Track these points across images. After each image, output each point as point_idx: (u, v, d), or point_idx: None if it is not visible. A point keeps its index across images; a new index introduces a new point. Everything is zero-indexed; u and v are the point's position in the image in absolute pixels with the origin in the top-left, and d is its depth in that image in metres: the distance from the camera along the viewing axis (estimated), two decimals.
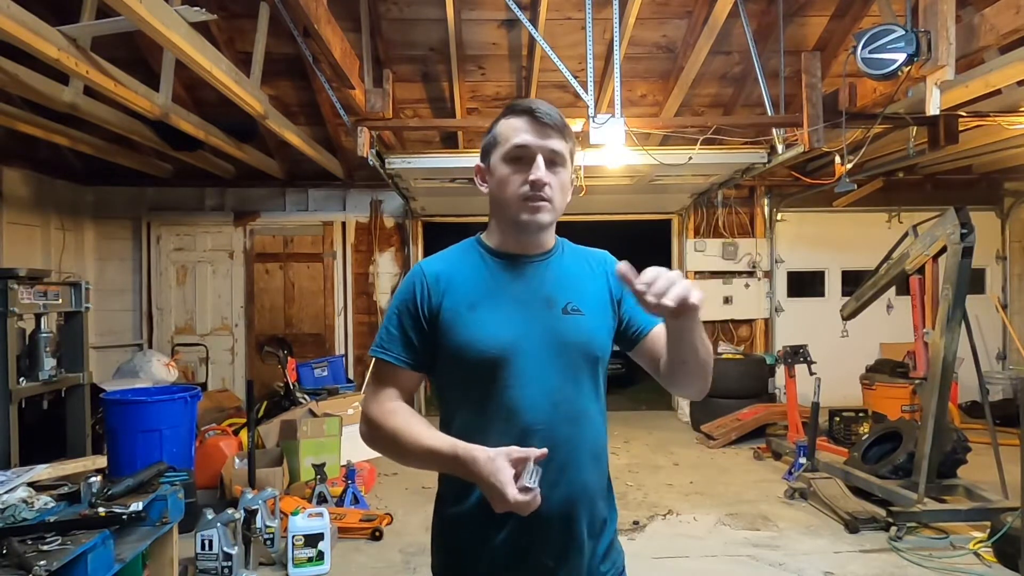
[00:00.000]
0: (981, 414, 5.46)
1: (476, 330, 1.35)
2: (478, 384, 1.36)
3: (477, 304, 1.37)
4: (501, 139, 1.40)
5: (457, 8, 5.36)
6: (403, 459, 1.37)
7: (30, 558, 2.21)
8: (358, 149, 5.19)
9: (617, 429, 7.36)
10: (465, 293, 1.39)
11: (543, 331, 1.37)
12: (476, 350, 1.34)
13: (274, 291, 7.98)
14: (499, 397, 1.34)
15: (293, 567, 3.74)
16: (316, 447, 5.20)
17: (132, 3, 2.91)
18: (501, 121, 1.42)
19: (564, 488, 1.33)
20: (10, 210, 6.40)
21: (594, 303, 1.43)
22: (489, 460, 1.19)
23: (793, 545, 4.14)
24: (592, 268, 1.49)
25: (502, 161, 1.39)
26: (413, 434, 1.32)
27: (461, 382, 1.39)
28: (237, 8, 5.29)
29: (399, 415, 1.37)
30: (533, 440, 1.30)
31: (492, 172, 1.42)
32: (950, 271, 4.29)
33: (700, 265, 8.08)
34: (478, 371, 1.35)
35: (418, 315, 1.39)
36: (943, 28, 3.39)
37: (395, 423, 1.36)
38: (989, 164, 7.37)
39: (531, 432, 1.32)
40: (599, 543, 1.41)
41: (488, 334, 1.35)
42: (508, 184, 1.38)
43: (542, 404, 1.34)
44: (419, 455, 1.32)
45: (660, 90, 6.61)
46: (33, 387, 4.26)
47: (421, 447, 1.31)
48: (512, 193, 1.38)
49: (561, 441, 1.33)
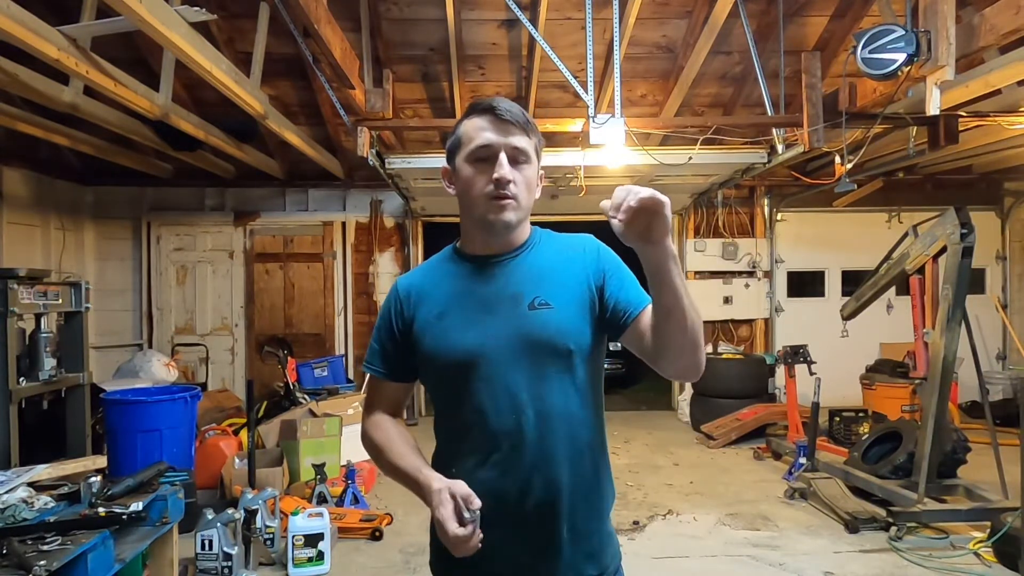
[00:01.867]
0: (981, 414, 5.46)
1: (442, 338, 1.38)
2: (450, 390, 1.39)
3: (445, 312, 1.40)
4: (464, 140, 1.38)
5: (457, 8, 5.36)
6: (383, 471, 1.47)
7: (30, 558, 2.21)
8: (358, 149, 5.19)
9: (617, 429, 7.36)
10: (435, 303, 1.42)
11: (508, 331, 1.35)
12: (443, 358, 1.38)
13: (274, 291, 7.98)
14: (469, 402, 1.35)
15: (293, 567, 3.74)
16: (316, 447, 5.20)
17: (132, 3, 2.91)
18: (464, 122, 1.40)
19: (538, 489, 1.33)
20: (10, 210, 6.40)
21: (567, 294, 1.38)
22: (437, 492, 1.27)
23: (793, 545, 4.14)
24: (568, 256, 1.44)
25: (466, 162, 1.38)
26: (390, 451, 1.43)
27: (437, 389, 1.46)
28: (237, 8, 5.29)
29: (381, 429, 1.47)
30: (503, 442, 1.33)
31: (458, 174, 1.40)
32: (950, 271, 4.29)
33: (700, 265, 8.08)
34: (448, 378, 1.39)
35: (393, 330, 1.46)
36: (943, 28, 3.39)
37: (378, 437, 1.46)
38: (989, 164, 7.37)
39: (500, 435, 1.33)
40: (585, 542, 1.38)
41: (453, 341, 1.37)
42: (473, 184, 1.37)
43: (508, 405, 1.33)
44: (393, 471, 1.42)
45: (660, 90, 6.61)
46: (33, 387, 4.26)
47: (394, 465, 1.41)
48: (478, 193, 1.36)
49: (532, 441, 1.33)
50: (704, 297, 8.03)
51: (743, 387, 7.15)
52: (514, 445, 1.32)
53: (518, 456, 1.33)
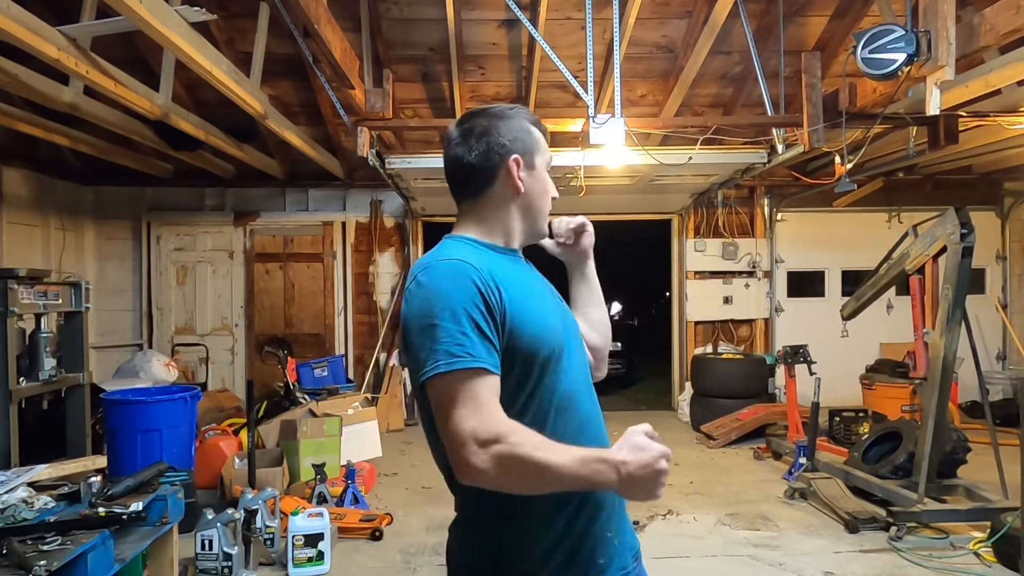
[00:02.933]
0: (981, 414, 5.46)
1: (540, 323, 1.30)
2: (542, 377, 1.29)
3: (527, 297, 1.31)
4: (542, 149, 1.41)
5: (457, 8, 5.36)
6: (543, 483, 1.17)
7: (30, 558, 2.21)
8: (358, 149, 5.19)
9: (617, 429, 7.22)
10: (514, 286, 1.29)
11: (567, 317, 1.44)
12: (548, 342, 1.29)
13: (274, 291, 7.98)
14: (559, 387, 1.31)
15: (293, 567, 3.74)
16: (316, 447, 5.20)
17: (132, 3, 2.91)
18: (534, 128, 1.41)
19: None
20: (10, 210, 6.40)
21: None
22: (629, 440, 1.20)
23: (793, 545, 4.14)
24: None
25: (547, 170, 1.43)
26: (561, 449, 1.17)
27: (526, 378, 1.28)
28: (237, 8, 5.29)
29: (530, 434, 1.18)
30: (590, 423, 1.36)
31: (535, 175, 1.40)
32: (950, 271, 4.29)
33: (700, 265, 8.08)
34: (545, 363, 1.29)
35: (491, 312, 1.22)
36: (943, 28, 3.38)
37: (536, 442, 1.17)
38: (989, 164, 7.37)
39: (587, 415, 1.37)
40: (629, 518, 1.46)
41: (549, 325, 1.32)
42: (546, 191, 1.43)
43: (586, 388, 1.39)
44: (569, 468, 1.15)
45: (660, 90, 6.61)
46: (33, 387, 4.26)
47: (574, 458, 1.16)
48: (547, 204, 1.44)
49: (596, 418, 1.40)
50: (704, 297, 8.04)
51: (743, 387, 7.15)
52: (595, 431, 1.37)
53: (601, 435, 1.38)
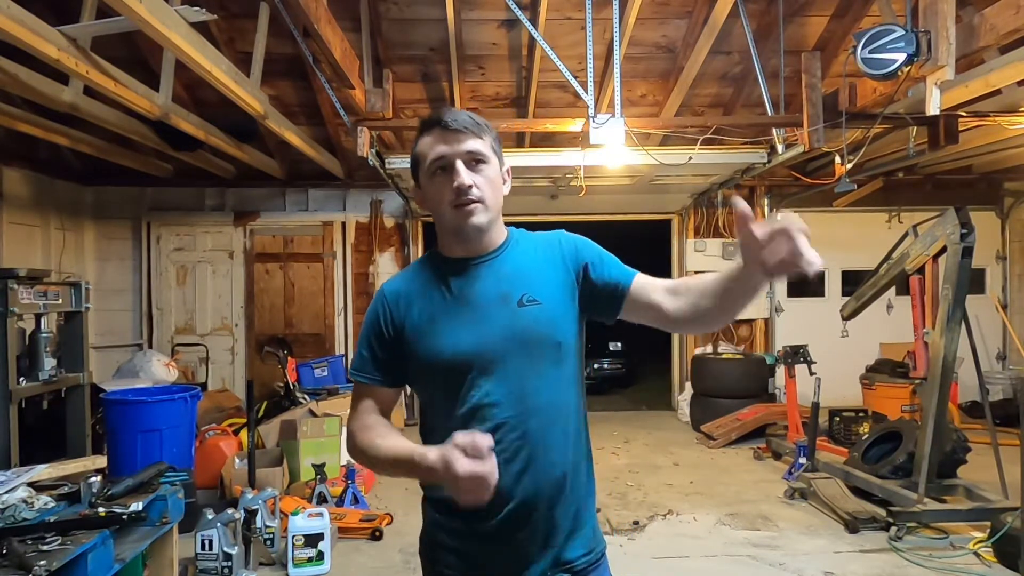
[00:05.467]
0: (981, 414, 5.46)
1: (438, 341, 1.40)
2: (448, 391, 1.40)
3: (436, 315, 1.43)
4: (421, 158, 1.44)
5: (457, 8, 5.36)
6: (376, 468, 1.49)
7: (30, 558, 2.21)
8: (358, 149, 5.19)
9: (617, 429, 7.36)
10: (424, 307, 1.44)
11: (502, 329, 1.40)
12: (441, 360, 1.40)
13: (274, 291, 7.98)
14: (469, 400, 1.38)
15: (293, 567, 3.74)
16: (316, 447, 5.20)
17: (132, 3, 2.91)
18: (418, 141, 1.45)
19: (535, 477, 1.38)
20: (10, 210, 6.40)
21: (552, 289, 1.45)
22: (439, 449, 1.23)
23: (793, 545, 4.14)
24: (546, 252, 1.49)
25: (427, 178, 1.44)
26: (381, 446, 1.40)
27: (432, 390, 1.47)
28: (237, 8, 5.29)
29: (373, 430, 1.45)
30: (504, 436, 1.36)
31: (424, 191, 1.46)
32: (950, 271, 4.29)
33: (700, 265, 8.06)
34: (446, 379, 1.40)
35: (383, 335, 1.47)
36: (943, 28, 3.39)
37: (368, 437, 1.44)
38: (989, 164, 7.37)
39: (501, 428, 1.36)
40: (584, 525, 1.46)
41: (449, 343, 1.40)
42: (438, 197, 1.42)
43: (508, 401, 1.38)
44: (386, 463, 1.40)
45: (660, 90, 6.61)
46: (33, 387, 4.26)
47: (387, 456, 1.38)
48: (445, 204, 1.41)
49: (531, 432, 1.38)
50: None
51: (743, 387, 7.15)
52: (515, 438, 1.37)
53: (520, 448, 1.37)
